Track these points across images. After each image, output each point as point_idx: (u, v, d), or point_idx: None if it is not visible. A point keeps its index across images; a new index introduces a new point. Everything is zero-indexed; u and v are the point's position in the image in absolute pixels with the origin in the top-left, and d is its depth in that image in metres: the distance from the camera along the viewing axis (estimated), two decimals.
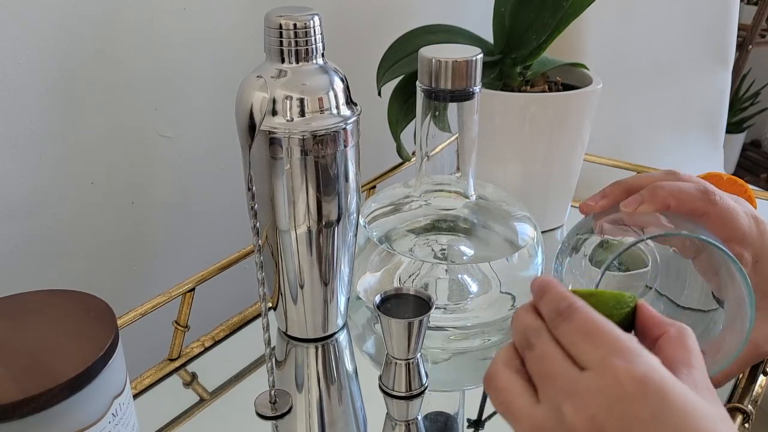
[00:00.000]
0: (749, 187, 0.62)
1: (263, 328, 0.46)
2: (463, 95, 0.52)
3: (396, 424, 0.46)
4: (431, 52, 0.51)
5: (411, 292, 0.45)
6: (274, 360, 0.48)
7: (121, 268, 0.65)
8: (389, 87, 0.69)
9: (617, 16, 1.12)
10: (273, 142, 0.45)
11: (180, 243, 0.70)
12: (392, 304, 0.44)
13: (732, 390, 0.50)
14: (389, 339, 0.43)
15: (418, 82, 0.53)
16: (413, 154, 0.72)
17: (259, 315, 0.59)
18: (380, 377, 0.46)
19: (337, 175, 0.48)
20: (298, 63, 0.46)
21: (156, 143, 0.64)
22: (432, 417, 0.48)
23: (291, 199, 0.47)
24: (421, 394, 0.45)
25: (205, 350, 0.55)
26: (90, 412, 0.33)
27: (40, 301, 0.36)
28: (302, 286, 0.51)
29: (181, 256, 0.70)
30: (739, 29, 1.32)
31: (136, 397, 0.50)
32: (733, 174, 0.90)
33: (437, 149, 0.55)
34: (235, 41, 0.67)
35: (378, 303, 0.44)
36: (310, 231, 0.49)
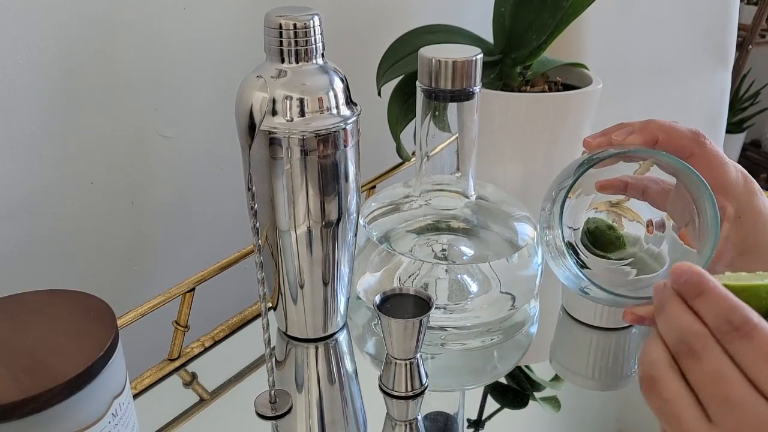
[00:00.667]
0: None
1: (263, 328, 0.46)
2: (463, 95, 0.52)
3: (396, 424, 0.46)
4: (431, 52, 0.51)
5: (411, 292, 0.45)
6: (274, 360, 0.48)
7: (121, 268, 0.65)
8: (389, 87, 0.69)
9: (617, 16, 1.12)
10: (273, 142, 0.45)
11: (180, 243, 0.70)
12: (392, 304, 0.44)
13: None
14: (389, 339, 0.44)
15: (418, 82, 0.53)
16: (413, 154, 0.72)
17: (259, 315, 0.59)
18: (380, 377, 0.46)
19: (337, 175, 0.48)
20: (298, 63, 0.46)
21: (156, 143, 0.64)
22: (432, 417, 0.48)
23: (291, 199, 0.47)
24: (421, 394, 0.45)
25: (205, 350, 0.55)
26: (90, 412, 0.33)
27: (40, 301, 0.36)
28: (302, 286, 0.51)
29: (181, 256, 0.70)
30: (739, 29, 1.32)
31: (136, 397, 0.50)
32: None
33: (437, 149, 0.55)
34: (235, 41, 0.67)
35: (378, 303, 0.44)
36: (310, 231, 0.49)
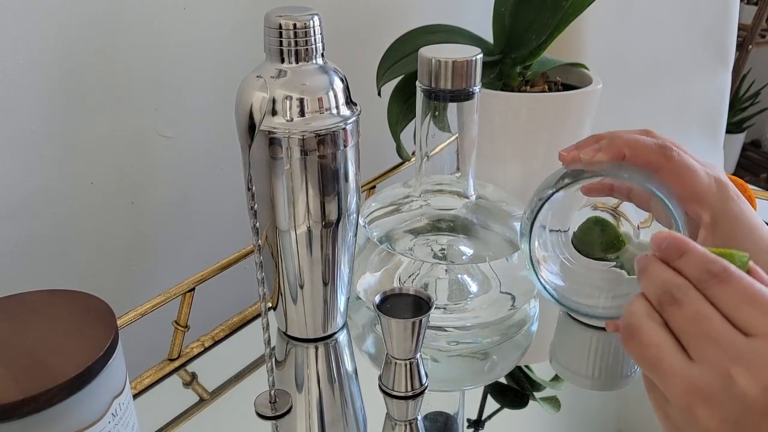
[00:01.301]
0: (749, 187, 0.62)
1: (263, 328, 0.46)
2: (463, 95, 0.52)
3: (396, 424, 0.46)
4: (431, 52, 0.51)
5: (411, 292, 0.45)
6: (274, 360, 0.48)
7: (121, 268, 0.65)
8: (389, 87, 0.69)
9: (617, 16, 1.12)
10: (273, 142, 0.45)
11: (180, 243, 0.70)
12: (392, 304, 0.44)
13: None
14: (389, 339, 0.43)
15: (418, 82, 0.53)
16: (413, 154, 0.72)
17: (259, 315, 0.59)
18: (380, 377, 0.46)
19: (337, 175, 0.48)
20: (297, 63, 0.46)
21: (156, 143, 0.64)
22: (432, 417, 0.48)
23: (291, 199, 0.47)
24: (421, 394, 0.45)
25: (205, 350, 0.55)
26: (90, 412, 0.33)
27: (40, 301, 0.36)
28: (302, 286, 0.51)
29: (181, 256, 0.70)
30: (739, 29, 1.31)
31: (136, 397, 0.50)
32: (733, 174, 0.90)
33: (437, 149, 0.55)
34: (235, 41, 0.67)
35: (378, 303, 0.44)
36: (310, 231, 0.49)
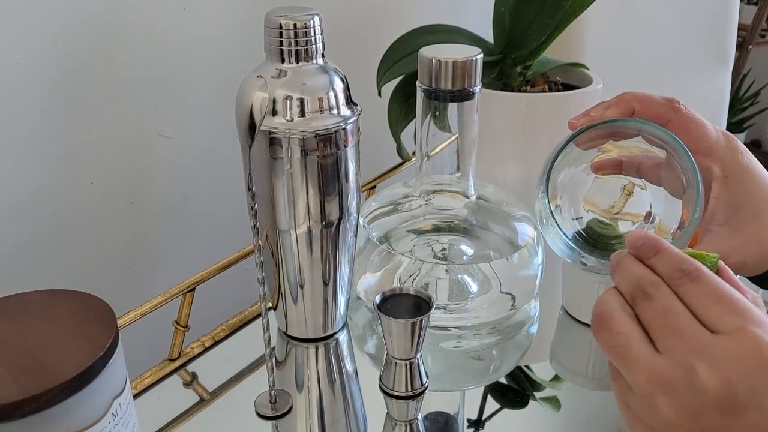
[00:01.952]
0: None
1: (263, 328, 0.46)
2: (463, 95, 0.52)
3: (396, 424, 0.46)
4: (431, 52, 0.51)
5: (411, 292, 0.45)
6: (274, 360, 0.48)
7: (121, 268, 0.65)
8: (389, 87, 0.69)
9: (617, 16, 1.12)
10: (273, 142, 0.45)
11: (180, 243, 0.70)
12: (392, 304, 0.44)
13: None
14: (389, 339, 0.43)
15: (418, 82, 0.53)
16: (413, 154, 0.72)
17: (259, 315, 0.59)
18: (380, 377, 0.46)
19: (337, 175, 0.48)
20: (298, 63, 0.46)
21: (156, 143, 0.64)
22: (432, 417, 0.48)
23: (291, 199, 0.47)
24: (421, 394, 0.45)
25: (205, 350, 0.55)
26: (90, 412, 0.33)
27: (40, 301, 0.36)
28: (302, 286, 0.51)
29: (181, 256, 0.70)
30: (739, 29, 1.32)
31: (136, 397, 0.50)
32: None
33: (437, 149, 0.55)
34: (235, 41, 0.67)
35: (378, 303, 0.44)
36: (310, 231, 0.49)
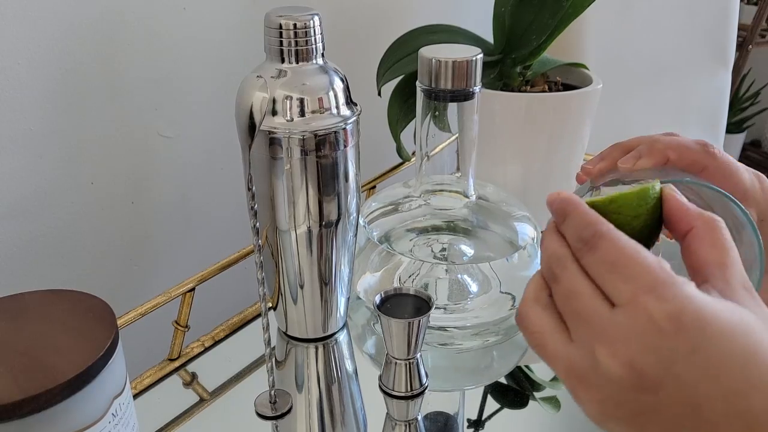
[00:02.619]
0: None
1: (263, 328, 0.46)
2: (463, 95, 0.52)
3: (396, 424, 0.46)
4: (431, 52, 0.51)
5: (411, 292, 0.45)
6: (274, 360, 0.48)
7: (121, 268, 0.65)
8: (389, 87, 0.69)
9: (617, 16, 1.12)
10: (273, 142, 0.45)
11: (180, 243, 0.70)
12: (392, 304, 0.44)
13: None
14: (389, 339, 0.43)
15: (418, 82, 0.53)
16: (413, 154, 0.72)
17: (259, 315, 0.59)
18: (380, 377, 0.46)
19: (337, 175, 0.48)
20: (298, 63, 0.46)
21: (156, 143, 0.64)
22: (432, 417, 0.48)
23: (291, 199, 0.47)
24: (421, 394, 0.45)
25: (205, 350, 0.55)
26: (90, 412, 0.33)
27: (40, 301, 0.36)
28: (302, 286, 0.51)
29: (181, 256, 0.70)
30: (739, 29, 1.32)
31: (136, 397, 0.50)
32: None
33: (437, 149, 0.55)
34: (235, 41, 0.67)
35: (378, 303, 0.44)
36: (310, 231, 0.49)
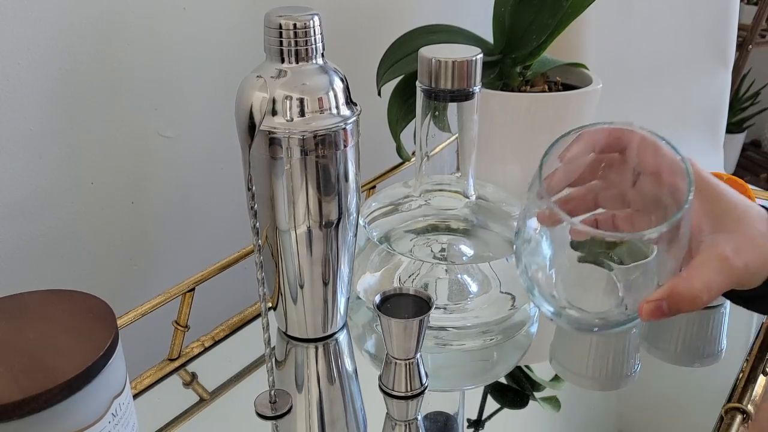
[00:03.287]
0: (749, 187, 0.62)
1: (263, 328, 0.46)
2: (463, 95, 0.52)
3: (396, 424, 0.46)
4: (431, 52, 0.51)
5: (411, 292, 0.45)
6: (274, 360, 0.48)
7: (121, 268, 0.65)
8: (389, 87, 0.69)
9: (617, 16, 1.12)
10: (273, 142, 0.45)
11: (180, 243, 0.70)
12: (392, 304, 0.44)
13: (732, 390, 0.50)
14: (389, 339, 0.44)
15: (418, 82, 0.53)
16: (413, 154, 0.72)
17: (259, 315, 0.59)
18: (380, 377, 0.46)
19: (337, 175, 0.48)
20: (298, 63, 0.46)
21: (156, 143, 0.64)
22: (432, 417, 0.48)
23: (291, 199, 0.47)
24: (421, 394, 0.45)
25: (205, 350, 0.55)
26: (90, 412, 0.33)
27: (40, 301, 0.36)
28: (302, 286, 0.51)
29: (181, 256, 0.70)
30: (739, 29, 1.32)
31: (136, 397, 0.50)
32: (733, 174, 0.90)
33: (437, 149, 0.56)
34: (235, 41, 0.67)
35: (378, 303, 0.44)
36: (309, 231, 0.49)
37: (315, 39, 0.45)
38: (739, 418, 0.47)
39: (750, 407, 0.47)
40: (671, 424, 0.50)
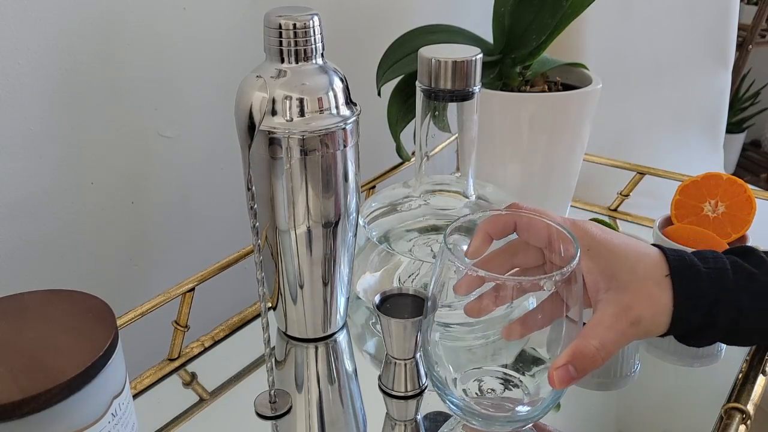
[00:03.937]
0: (749, 187, 0.62)
1: (263, 328, 0.46)
2: (462, 95, 0.52)
3: (396, 424, 0.46)
4: (431, 52, 0.51)
5: (410, 292, 0.45)
6: (273, 360, 0.48)
7: (121, 268, 0.65)
8: (389, 87, 0.69)
9: (617, 16, 1.12)
10: (272, 142, 0.45)
11: (180, 243, 0.70)
12: (391, 304, 0.44)
13: (732, 390, 0.50)
14: (389, 339, 0.44)
15: (417, 82, 0.53)
16: (413, 154, 0.72)
17: (258, 315, 0.59)
18: (380, 377, 0.46)
19: (336, 175, 0.48)
20: (297, 63, 0.46)
21: (156, 143, 0.64)
22: (432, 417, 0.48)
23: (290, 199, 0.47)
24: (421, 393, 0.45)
25: (205, 350, 0.55)
26: (89, 412, 0.33)
27: (40, 301, 0.36)
28: (302, 286, 0.51)
29: (181, 256, 0.70)
30: (739, 29, 1.32)
31: (136, 397, 0.50)
32: (733, 174, 0.90)
33: (437, 149, 0.56)
34: (235, 41, 0.67)
35: (377, 303, 0.44)
36: (309, 231, 0.49)
37: (315, 39, 0.45)
38: (738, 417, 0.47)
39: (750, 407, 0.47)
40: (671, 424, 0.50)
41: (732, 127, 1.95)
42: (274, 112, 0.45)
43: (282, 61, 0.46)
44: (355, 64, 0.72)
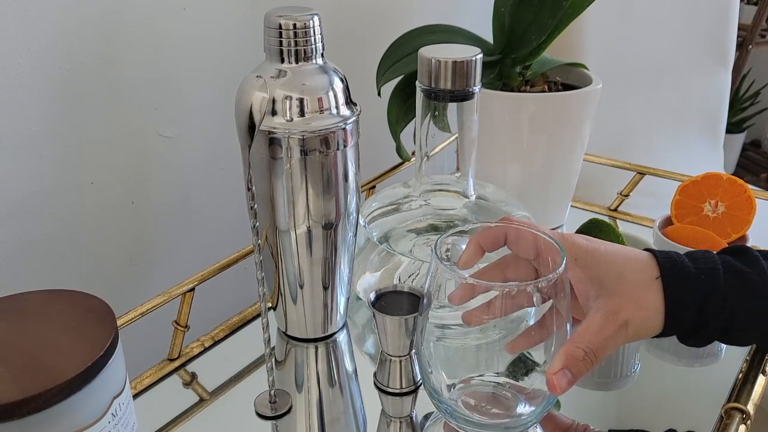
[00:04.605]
0: (749, 187, 0.62)
1: (263, 328, 0.46)
2: (462, 95, 0.52)
3: (391, 421, 0.46)
4: (431, 52, 0.51)
5: (405, 290, 0.45)
6: (273, 360, 0.48)
7: (121, 268, 0.65)
8: (389, 87, 0.69)
9: (617, 16, 1.12)
10: (273, 142, 0.45)
11: (180, 243, 0.70)
12: (387, 301, 0.45)
13: (732, 390, 0.50)
14: (383, 336, 0.44)
15: (417, 82, 0.53)
16: (413, 154, 0.72)
17: (258, 315, 0.59)
18: (375, 374, 0.46)
19: (336, 175, 0.48)
20: (297, 63, 0.46)
21: (156, 143, 0.64)
22: (428, 414, 0.48)
23: (291, 199, 0.47)
24: (416, 390, 0.46)
25: (205, 350, 0.55)
26: (89, 412, 0.33)
27: (40, 301, 0.36)
28: (302, 286, 0.51)
29: (181, 256, 0.70)
30: (739, 29, 1.32)
31: (136, 397, 0.50)
32: (733, 174, 0.90)
33: (437, 149, 0.56)
34: (235, 41, 0.67)
35: (372, 300, 0.44)
36: (309, 231, 0.49)
37: (315, 39, 0.45)
38: (738, 417, 0.47)
39: (750, 407, 0.47)
40: (671, 424, 0.50)
41: (732, 127, 1.95)
42: (274, 112, 0.45)
43: (282, 61, 0.46)
44: (355, 64, 0.72)
